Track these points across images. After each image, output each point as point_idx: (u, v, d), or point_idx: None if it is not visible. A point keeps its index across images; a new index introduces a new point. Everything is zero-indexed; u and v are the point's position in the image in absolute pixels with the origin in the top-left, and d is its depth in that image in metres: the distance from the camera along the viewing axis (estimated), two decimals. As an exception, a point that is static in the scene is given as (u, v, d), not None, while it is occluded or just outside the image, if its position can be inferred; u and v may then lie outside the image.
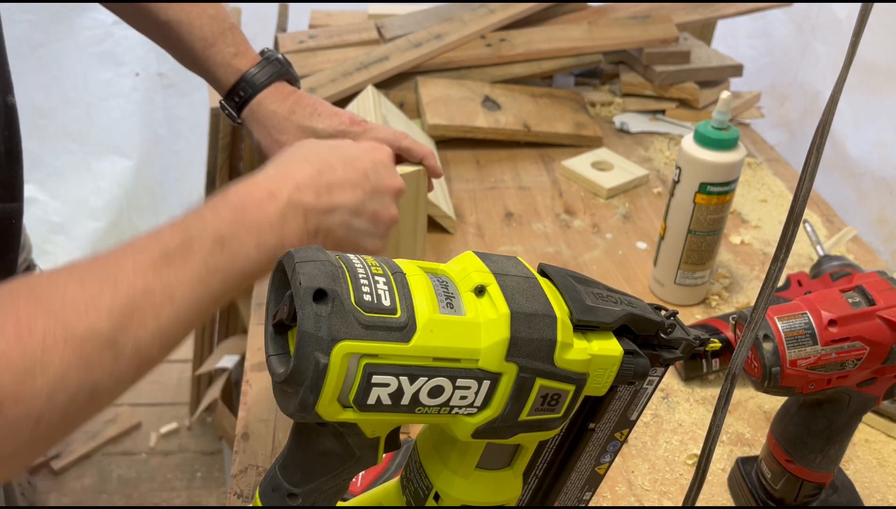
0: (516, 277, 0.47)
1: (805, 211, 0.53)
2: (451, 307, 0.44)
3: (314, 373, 0.40)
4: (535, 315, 0.45)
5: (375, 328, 0.41)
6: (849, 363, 0.60)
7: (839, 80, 0.39)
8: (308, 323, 0.39)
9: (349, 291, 0.41)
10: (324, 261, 0.42)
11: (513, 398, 0.44)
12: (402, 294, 0.43)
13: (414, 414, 0.43)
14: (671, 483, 0.76)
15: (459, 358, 0.43)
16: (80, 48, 1.93)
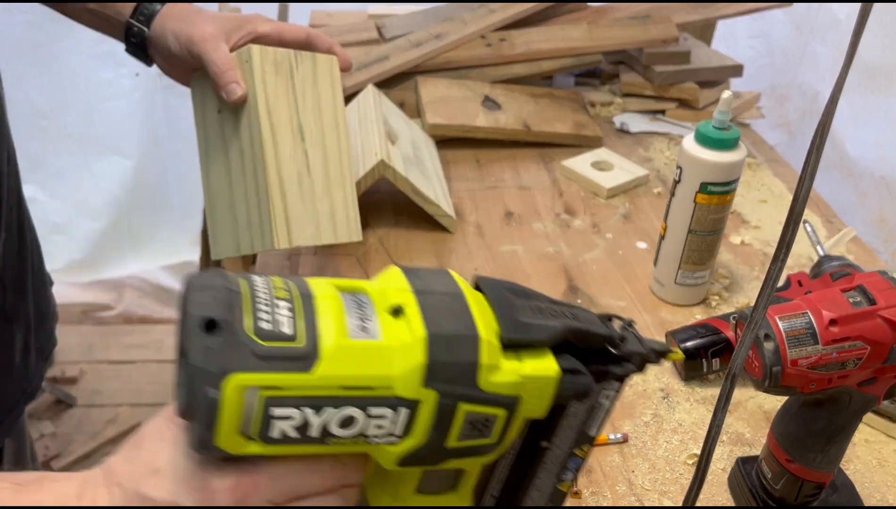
0: (440, 295, 0.43)
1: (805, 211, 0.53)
2: (365, 331, 0.41)
3: (205, 407, 0.37)
4: (456, 336, 0.41)
5: (272, 358, 0.38)
6: (849, 362, 0.60)
7: (839, 80, 0.39)
8: (197, 355, 0.37)
9: (245, 319, 0.38)
10: (219, 287, 0.39)
11: (436, 425, 0.42)
12: (307, 319, 0.40)
13: (327, 445, 0.41)
14: (671, 482, 0.76)
15: (372, 385, 0.40)
16: (81, 48, 1.93)
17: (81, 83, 1.99)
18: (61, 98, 1.99)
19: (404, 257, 1.04)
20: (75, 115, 2.02)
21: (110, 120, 2.06)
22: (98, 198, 2.14)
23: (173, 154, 2.15)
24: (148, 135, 2.11)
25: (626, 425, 0.82)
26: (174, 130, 2.13)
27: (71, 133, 2.04)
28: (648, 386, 0.87)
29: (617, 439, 0.80)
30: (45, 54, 1.91)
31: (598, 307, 0.98)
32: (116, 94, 2.04)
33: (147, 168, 2.13)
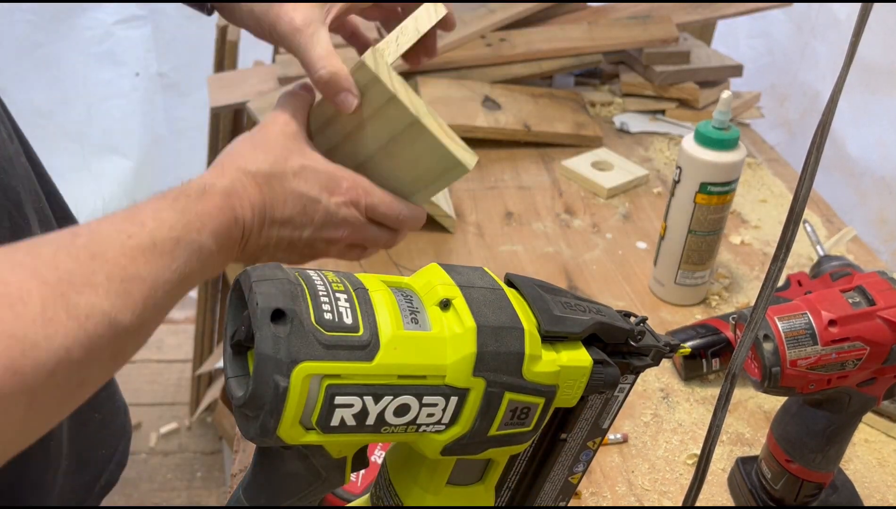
0: (482, 289, 0.45)
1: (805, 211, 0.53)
2: (416, 322, 0.43)
3: (274, 396, 0.38)
4: (503, 328, 0.44)
5: (337, 347, 0.40)
6: (849, 363, 0.60)
7: (839, 80, 0.39)
8: (266, 345, 0.38)
9: (309, 310, 0.40)
10: (282, 280, 0.41)
11: (481, 413, 0.43)
12: (365, 311, 0.42)
13: (380, 433, 0.43)
14: (671, 482, 0.76)
15: (425, 374, 0.42)
16: (80, 48, 1.93)
17: (81, 83, 1.99)
18: (61, 98, 1.99)
19: (404, 257, 1.04)
20: (75, 114, 2.02)
21: (110, 120, 2.06)
22: (97, 198, 2.14)
23: (173, 154, 2.15)
24: (148, 134, 2.11)
25: (626, 425, 0.82)
26: (174, 130, 2.13)
27: (70, 133, 2.03)
28: (648, 386, 0.87)
29: (617, 439, 0.80)
30: (44, 54, 1.91)
31: (598, 307, 0.98)
32: (116, 94, 2.04)
33: (147, 168, 2.13)
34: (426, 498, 0.48)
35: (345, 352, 0.40)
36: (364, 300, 0.42)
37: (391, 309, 0.43)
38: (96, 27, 1.93)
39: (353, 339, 0.40)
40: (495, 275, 0.48)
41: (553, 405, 0.46)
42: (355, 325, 0.41)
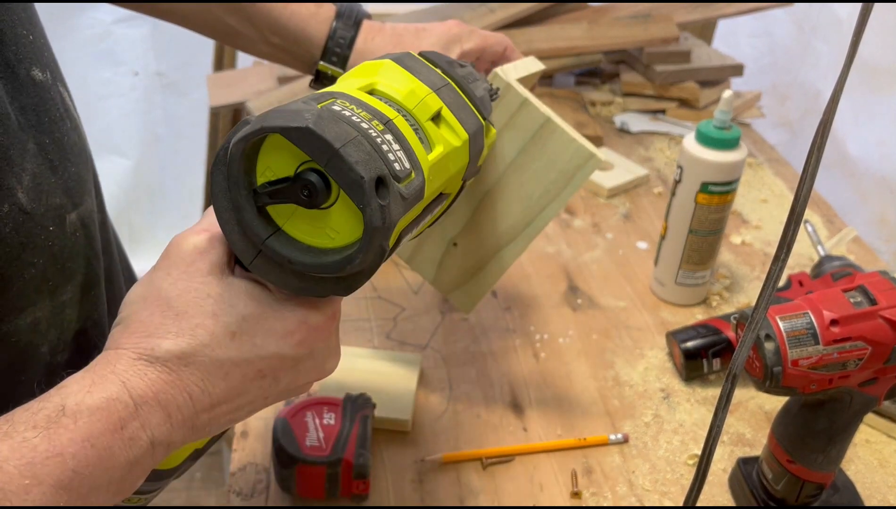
0: (444, 88, 0.47)
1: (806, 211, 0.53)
2: (424, 143, 0.44)
3: (376, 260, 0.39)
4: (476, 132, 0.47)
5: (409, 198, 0.40)
6: (850, 363, 0.60)
7: (840, 79, 0.39)
8: (377, 217, 0.37)
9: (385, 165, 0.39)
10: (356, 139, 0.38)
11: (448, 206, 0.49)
12: (405, 149, 0.41)
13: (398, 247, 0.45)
14: (672, 483, 0.76)
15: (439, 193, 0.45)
16: (79, 47, 1.93)
17: (80, 82, 1.99)
18: (61, 97, 1.99)
19: (404, 257, 1.04)
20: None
21: (109, 119, 2.05)
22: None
23: (172, 153, 2.14)
24: (147, 134, 2.11)
25: (627, 425, 0.82)
26: (173, 129, 2.12)
27: (70, 132, 2.03)
28: (649, 386, 0.87)
29: (617, 440, 0.79)
30: (44, 53, 1.90)
31: (599, 307, 0.98)
32: (115, 93, 2.03)
33: (146, 167, 2.13)
34: None
35: (413, 199, 0.40)
36: (398, 135, 0.41)
37: (414, 138, 0.42)
38: (95, 26, 1.93)
39: (414, 185, 0.40)
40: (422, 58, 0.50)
41: None
42: (410, 169, 0.40)
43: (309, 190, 0.38)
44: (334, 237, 0.39)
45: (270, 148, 0.39)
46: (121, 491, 0.40)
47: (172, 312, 0.41)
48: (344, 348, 0.87)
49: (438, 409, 0.82)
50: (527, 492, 0.74)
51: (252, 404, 0.44)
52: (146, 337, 0.41)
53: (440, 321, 0.94)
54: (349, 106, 0.40)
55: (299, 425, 0.72)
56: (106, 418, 0.38)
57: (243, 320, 0.41)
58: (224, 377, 0.41)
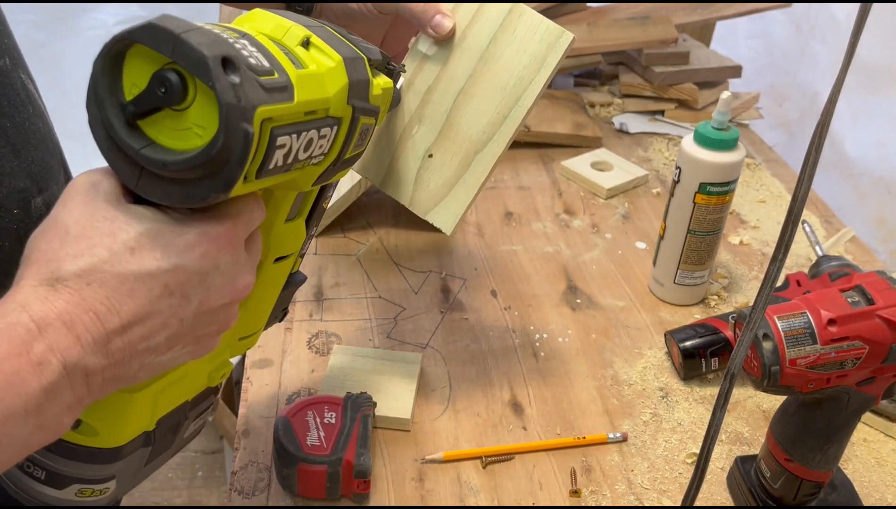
0: (317, 27, 0.49)
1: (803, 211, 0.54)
2: (295, 63, 0.45)
3: (242, 145, 0.38)
4: (354, 58, 0.49)
5: (271, 90, 0.40)
6: (848, 362, 0.60)
7: (838, 80, 0.39)
8: (228, 94, 0.37)
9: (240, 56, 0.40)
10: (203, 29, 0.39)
11: (346, 139, 0.48)
12: (266, 55, 0.42)
13: (290, 172, 0.45)
14: (670, 481, 0.76)
15: (317, 109, 0.45)
16: (81, 48, 1.93)
17: (82, 83, 1.98)
18: (62, 97, 1.98)
19: (404, 257, 1.04)
20: (75, 114, 2.01)
21: (110, 120, 2.06)
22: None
23: (173, 154, 2.15)
24: (148, 134, 2.12)
25: (626, 424, 0.82)
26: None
27: (71, 132, 2.03)
28: (648, 385, 0.87)
29: (616, 438, 0.80)
30: (45, 54, 1.91)
31: (598, 307, 0.98)
32: (116, 94, 2.04)
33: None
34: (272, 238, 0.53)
35: (277, 94, 0.41)
36: (257, 45, 0.42)
37: (277, 52, 0.44)
38: (97, 28, 1.93)
39: (276, 82, 0.41)
40: None
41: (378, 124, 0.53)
42: (271, 69, 0.41)
43: (165, 86, 0.38)
44: (202, 134, 0.39)
45: (131, 64, 0.40)
46: (44, 425, 0.38)
47: (70, 237, 0.41)
48: (344, 348, 0.87)
49: (438, 408, 0.83)
50: (526, 491, 0.74)
51: (167, 327, 0.42)
52: (46, 262, 0.40)
53: (440, 321, 0.94)
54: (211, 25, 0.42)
55: (300, 424, 0.72)
56: (8, 343, 0.37)
57: (141, 235, 0.41)
58: (129, 293, 0.40)
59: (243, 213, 0.45)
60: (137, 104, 0.40)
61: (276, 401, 0.82)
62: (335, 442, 0.71)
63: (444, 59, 0.73)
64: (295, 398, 0.82)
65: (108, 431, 0.47)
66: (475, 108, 0.72)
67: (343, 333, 0.91)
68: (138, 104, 0.40)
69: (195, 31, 0.38)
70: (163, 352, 0.43)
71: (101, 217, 0.41)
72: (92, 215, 0.41)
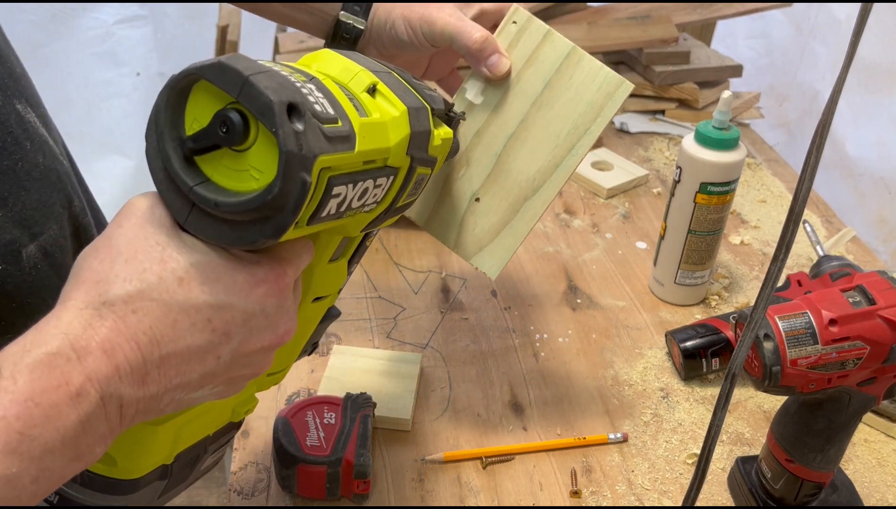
0: (384, 73, 0.48)
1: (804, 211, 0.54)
2: (359, 110, 0.44)
3: (299, 193, 0.38)
4: (418, 109, 0.48)
5: (334, 139, 0.39)
6: (849, 362, 0.60)
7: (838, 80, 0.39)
8: (291, 141, 0.37)
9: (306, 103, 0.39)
10: (272, 71, 0.38)
11: (401, 188, 0.47)
12: (331, 101, 0.41)
13: (341, 218, 0.44)
14: (671, 482, 0.76)
15: (376, 159, 0.44)
16: (81, 48, 1.93)
17: (82, 83, 1.99)
18: (62, 97, 1.99)
19: (404, 257, 1.04)
20: (75, 114, 2.02)
21: (111, 119, 2.05)
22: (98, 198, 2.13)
23: (173, 153, 2.15)
24: (148, 135, 2.11)
25: (626, 425, 0.82)
26: (174, 130, 2.12)
27: (71, 132, 2.02)
28: (648, 385, 0.87)
29: (617, 439, 0.80)
30: (45, 53, 1.90)
31: (598, 307, 0.98)
32: (117, 94, 2.04)
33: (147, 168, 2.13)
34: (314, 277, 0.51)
35: (339, 143, 0.40)
36: (324, 90, 0.42)
37: (343, 98, 0.43)
38: (97, 27, 1.93)
39: (339, 130, 0.40)
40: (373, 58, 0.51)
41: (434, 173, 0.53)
42: (336, 116, 0.41)
43: (227, 126, 0.38)
44: (259, 177, 0.38)
45: (196, 99, 0.40)
46: (79, 456, 0.38)
47: (122, 259, 0.40)
48: (344, 348, 0.87)
49: (438, 409, 0.82)
50: (527, 491, 0.74)
51: (204, 364, 0.42)
52: (95, 283, 0.39)
53: (440, 321, 0.94)
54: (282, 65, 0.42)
55: (300, 424, 0.72)
56: (48, 374, 0.36)
57: (191, 266, 0.40)
58: (172, 324, 0.40)
59: (293, 259, 0.45)
60: (197, 140, 0.39)
61: (275, 402, 0.82)
62: (335, 443, 0.71)
63: (495, 101, 0.70)
64: (294, 398, 0.82)
65: (126, 462, 0.46)
66: (526, 154, 0.69)
67: (343, 333, 0.91)
68: (198, 140, 0.39)
69: (264, 74, 0.37)
70: (194, 388, 0.42)
71: (153, 242, 0.41)
72: (145, 239, 0.41)
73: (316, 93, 0.40)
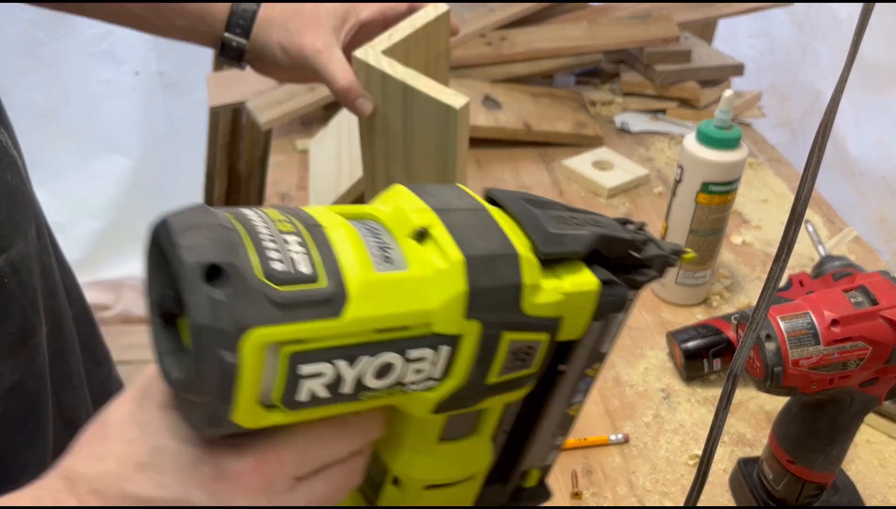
0: (462, 211, 0.38)
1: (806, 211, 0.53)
2: (389, 261, 0.36)
3: (220, 375, 0.31)
4: (494, 256, 0.36)
5: (294, 305, 0.32)
6: (851, 363, 0.60)
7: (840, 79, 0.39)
8: (202, 312, 0.30)
9: (252, 261, 0.32)
10: (211, 225, 0.32)
11: (478, 361, 0.37)
12: (324, 254, 0.34)
13: (360, 401, 0.36)
14: (672, 483, 0.76)
15: (408, 325, 0.35)
16: (81, 47, 1.93)
17: (81, 82, 1.99)
18: (61, 96, 1.99)
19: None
20: (75, 113, 2.02)
21: (110, 118, 2.06)
22: (97, 198, 2.14)
23: (173, 153, 2.15)
24: (148, 134, 2.11)
25: (627, 426, 0.82)
26: (174, 129, 2.12)
27: (70, 132, 2.03)
28: (649, 386, 0.87)
29: (618, 440, 0.79)
30: (44, 53, 1.90)
31: (599, 307, 0.98)
32: (116, 93, 2.04)
33: (147, 167, 2.13)
34: (417, 459, 0.42)
35: (305, 309, 0.32)
36: (321, 240, 0.34)
37: (356, 248, 0.35)
38: (96, 26, 1.93)
39: (313, 293, 0.32)
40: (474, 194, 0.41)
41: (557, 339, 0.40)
42: (314, 275, 0.33)
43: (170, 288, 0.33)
44: None
45: None
46: None
47: (102, 433, 0.38)
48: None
49: (439, 409, 0.82)
50: (527, 492, 0.74)
51: None
52: (71, 455, 0.38)
53: (440, 321, 0.94)
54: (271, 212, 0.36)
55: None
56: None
57: (155, 451, 0.37)
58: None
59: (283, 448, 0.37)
60: (159, 306, 0.34)
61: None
62: None
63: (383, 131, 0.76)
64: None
65: None
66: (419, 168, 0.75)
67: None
68: (161, 303, 0.34)
69: (199, 230, 0.32)
70: None
71: (137, 420, 0.38)
72: (131, 415, 0.38)
73: (293, 247, 0.33)
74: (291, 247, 0.33)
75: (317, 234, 0.34)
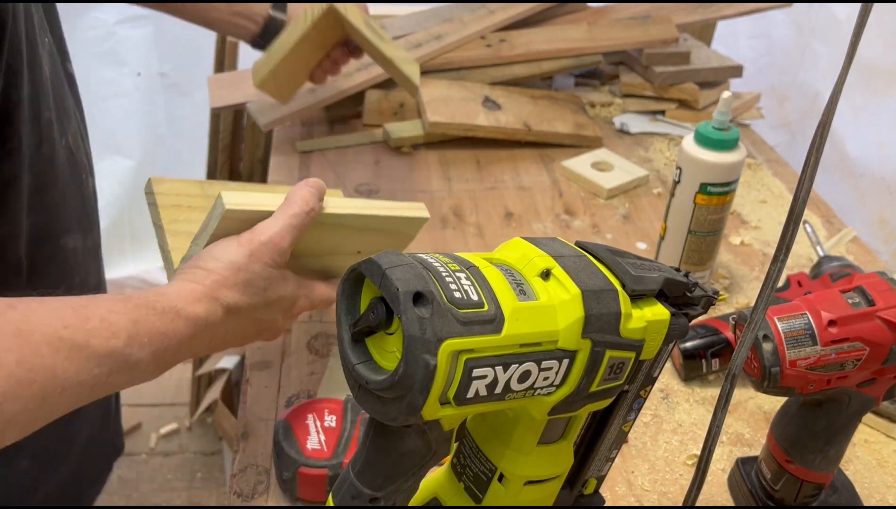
0: (571, 257, 0.49)
1: (805, 211, 0.54)
2: (524, 293, 0.46)
3: (424, 375, 0.41)
4: (601, 291, 0.47)
5: (471, 323, 0.42)
6: (848, 363, 0.60)
7: (839, 80, 0.39)
8: (413, 326, 0.41)
9: (440, 291, 0.43)
10: (411, 264, 0.43)
11: (587, 372, 0.47)
12: (484, 287, 0.45)
13: (504, 400, 0.46)
14: (671, 483, 0.76)
15: (541, 341, 0.45)
16: (82, 48, 1.93)
17: (82, 82, 1.98)
18: (61, 97, 1.99)
19: (404, 257, 1.04)
20: (75, 113, 2.02)
21: (111, 119, 2.06)
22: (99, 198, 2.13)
23: (174, 153, 2.15)
24: (149, 134, 2.11)
25: (626, 425, 0.82)
26: (175, 130, 2.13)
27: (71, 132, 2.03)
28: (648, 386, 0.87)
29: (617, 439, 0.80)
30: (45, 54, 1.90)
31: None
32: (117, 94, 2.04)
33: (148, 168, 2.13)
34: (520, 459, 0.51)
35: (478, 326, 0.43)
36: (479, 277, 0.45)
37: (503, 283, 0.46)
38: (98, 27, 1.93)
39: (482, 315, 0.43)
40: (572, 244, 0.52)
41: (640, 358, 0.50)
42: (481, 301, 0.44)
43: (374, 312, 0.44)
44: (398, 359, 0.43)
45: (367, 289, 0.46)
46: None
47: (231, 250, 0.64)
48: (344, 349, 0.87)
49: (438, 409, 0.82)
50: (527, 492, 0.74)
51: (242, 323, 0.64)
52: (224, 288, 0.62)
53: (440, 321, 0.94)
54: (440, 257, 0.46)
55: (300, 427, 0.72)
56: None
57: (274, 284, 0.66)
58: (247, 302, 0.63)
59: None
60: (355, 324, 0.45)
61: (275, 404, 0.82)
62: (336, 446, 0.70)
63: None
64: (294, 400, 0.82)
65: None
66: None
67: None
68: (356, 324, 0.45)
69: (401, 267, 0.42)
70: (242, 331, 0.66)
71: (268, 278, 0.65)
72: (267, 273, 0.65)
73: (463, 281, 0.44)
74: (463, 281, 0.44)
75: (475, 273, 0.45)
